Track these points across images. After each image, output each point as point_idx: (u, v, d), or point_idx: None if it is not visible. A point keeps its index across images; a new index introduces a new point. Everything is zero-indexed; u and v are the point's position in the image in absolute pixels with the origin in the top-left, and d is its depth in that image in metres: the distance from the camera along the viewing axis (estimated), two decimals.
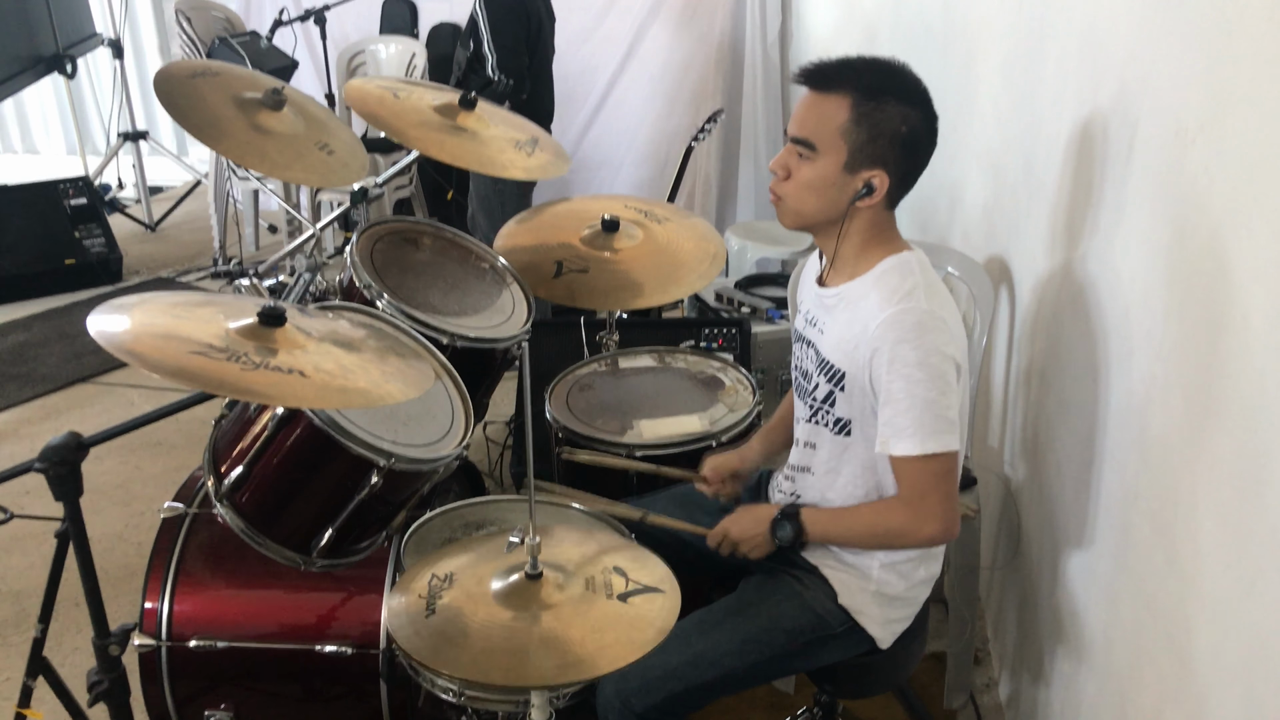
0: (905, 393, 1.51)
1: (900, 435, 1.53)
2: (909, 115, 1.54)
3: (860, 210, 1.59)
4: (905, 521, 1.58)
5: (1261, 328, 1.12)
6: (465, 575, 1.49)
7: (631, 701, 1.61)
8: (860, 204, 1.57)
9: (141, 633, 1.81)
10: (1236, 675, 1.17)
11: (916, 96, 1.56)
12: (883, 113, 1.53)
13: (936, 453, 1.52)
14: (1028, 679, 2.07)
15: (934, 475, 1.54)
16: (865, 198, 1.56)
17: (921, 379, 1.50)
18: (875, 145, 1.53)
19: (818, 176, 1.57)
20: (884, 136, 1.53)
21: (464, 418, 1.83)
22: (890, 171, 1.55)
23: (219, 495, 1.67)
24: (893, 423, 1.54)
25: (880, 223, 1.62)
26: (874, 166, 1.55)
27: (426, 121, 2.22)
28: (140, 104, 6.16)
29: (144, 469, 3.32)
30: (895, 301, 1.53)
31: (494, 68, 3.58)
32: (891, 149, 1.54)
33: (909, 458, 1.53)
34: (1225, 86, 1.24)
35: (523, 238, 2.40)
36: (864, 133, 1.53)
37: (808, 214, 1.62)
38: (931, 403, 1.51)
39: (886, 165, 1.55)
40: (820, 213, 1.60)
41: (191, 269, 5.15)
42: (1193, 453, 1.30)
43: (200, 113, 2.03)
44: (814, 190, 1.58)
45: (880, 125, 1.53)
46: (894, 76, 1.57)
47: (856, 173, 1.56)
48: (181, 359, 1.35)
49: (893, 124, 1.53)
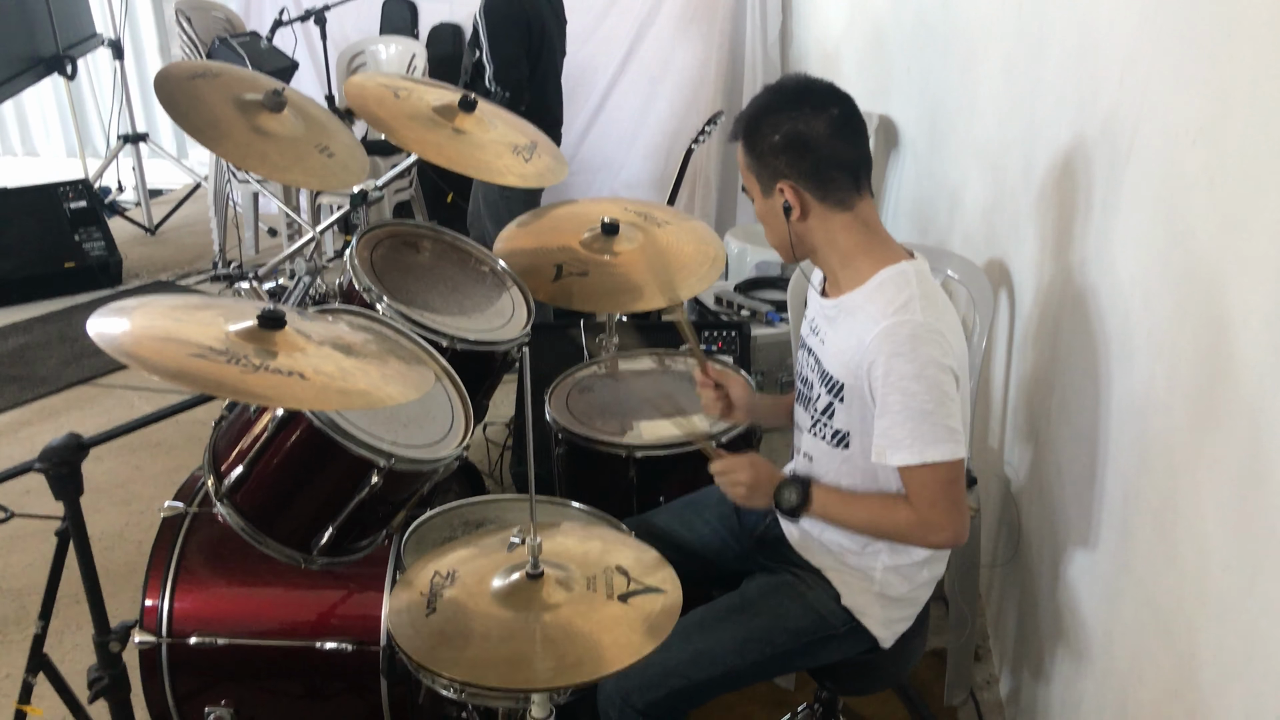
0: (901, 405, 1.51)
1: (897, 446, 1.53)
2: (778, 122, 1.59)
3: (813, 225, 1.62)
4: (912, 525, 1.58)
5: (1261, 328, 1.13)
6: (467, 573, 1.49)
7: (632, 698, 1.62)
8: (793, 218, 1.61)
9: (142, 630, 1.81)
10: (1237, 674, 1.17)
11: (784, 101, 1.61)
12: (758, 133, 1.60)
13: (938, 461, 1.52)
14: (1028, 676, 2.08)
15: (940, 484, 1.54)
16: (792, 211, 1.61)
17: (918, 391, 1.50)
18: (764, 163, 1.61)
19: (761, 213, 1.67)
20: (766, 152, 1.60)
21: (464, 419, 1.83)
22: (791, 177, 1.59)
23: (219, 495, 1.67)
24: (888, 434, 1.54)
25: (851, 229, 1.62)
26: (774, 181, 1.60)
27: (425, 124, 2.22)
28: (140, 106, 6.16)
29: (144, 469, 3.33)
30: (890, 314, 1.54)
31: (490, 79, 3.54)
32: (777, 159, 1.59)
33: (912, 467, 1.53)
34: (1225, 88, 1.24)
35: (522, 241, 2.41)
36: (754, 159, 1.62)
37: (777, 245, 1.69)
38: (929, 414, 1.51)
39: (783, 174, 1.60)
40: (782, 240, 1.66)
41: (191, 272, 5.15)
42: (1193, 453, 1.30)
43: (200, 114, 2.03)
44: (766, 224, 1.68)
45: (759, 145, 1.61)
46: (769, 96, 1.63)
47: (771, 194, 1.62)
48: (181, 361, 1.36)
49: (766, 138, 1.59)
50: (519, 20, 3.57)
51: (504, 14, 3.56)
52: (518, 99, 3.53)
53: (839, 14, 4.39)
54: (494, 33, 3.54)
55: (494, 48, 3.53)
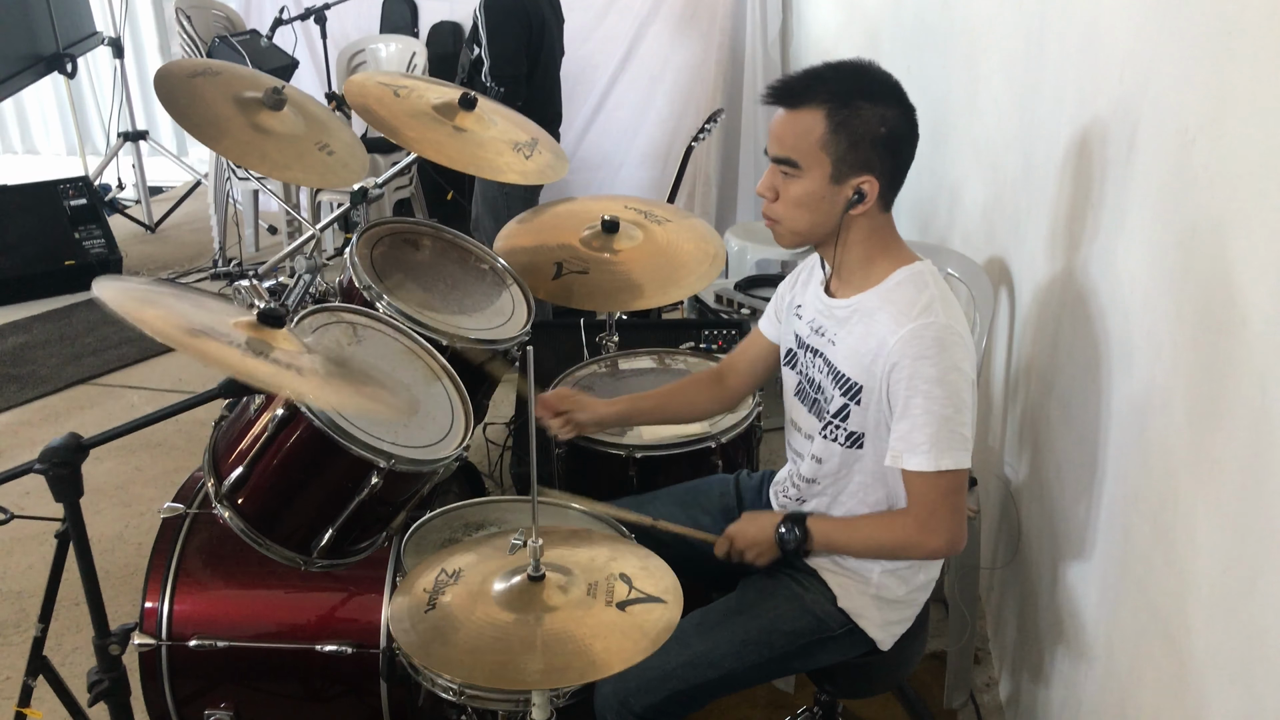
0: (923, 409, 1.50)
1: (915, 450, 1.52)
2: (885, 115, 1.52)
3: (856, 218, 1.57)
4: (910, 536, 1.57)
5: (1262, 329, 1.12)
6: (471, 573, 1.48)
7: (630, 701, 1.61)
8: (854, 211, 1.55)
9: (142, 632, 1.81)
10: (1236, 676, 1.17)
11: (888, 93, 1.54)
12: (859, 118, 1.50)
13: (949, 469, 1.51)
14: (1028, 678, 2.07)
15: (944, 492, 1.54)
16: (858, 204, 1.55)
17: (940, 396, 1.50)
18: (857, 151, 1.51)
19: (806, 193, 1.55)
20: (865, 141, 1.51)
21: (464, 419, 1.83)
22: (878, 174, 1.54)
23: (219, 496, 1.67)
24: (908, 438, 1.52)
25: (880, 228, 1.60)
26: (861, 173, 1.53)
27: (425, 122, 2.21)
28: (140, 103, 6.16)
29: (144, 470, 3.32)
30: (914, 316, 1.52)
31: (487, 74, 3.54)
32: (874, 151, 1.52)
33: (921, 473, 1.53)
34: (1226, 87, 1.24)
35: (522, 239, 2.41)
36: (844, 141, 1.51)
37: (804, 231, 1.60)
38: (948, 419, 1.50)
39: (873, 169, 1.53)
40: (816, 228, 1.59)
41: (191, 270, 5.15)
42: (1193, 453, 1.30)
43: (200, 112, 2.03)
44: (805, 207, 1.56)
45: (858, 131, 1.50)
46: (862, 78, 1.55)
47: (844, 182, 1.53)
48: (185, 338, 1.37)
49: (871, 127, 1.51)
50: (519, 16, 3.56)
51: (504, 10, 3.55)
52: (514, 95, 3.51)
53: (839, 13, 4.39)
54: (494, 28, 3.53)
55: (493, 43, 3.52)
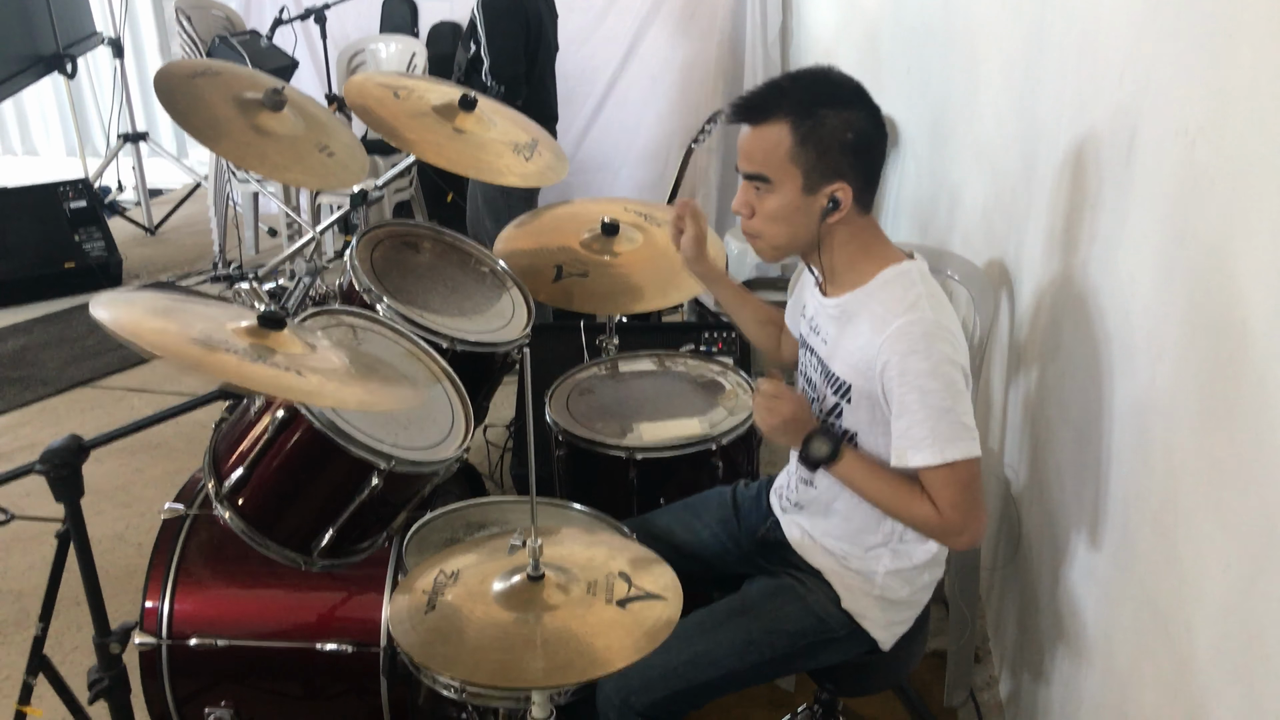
0: (919, 403, 1.50)
1: (918, 446, 1.51)
2: (850, 119, 1.52)
3: (834, 225, 1.57)
4: (931, 524, 1.55)
5: (1262, 329, 1.12)
6: (470, 573, 1.49)
7: (632, 700, 1.62)
8: (831, 219, 1.55)
9: (142, 631, 1.81)
10: (1236, 675, 1.17)
11: (851, 97, 1.54)
12: (824, 126, 1.50)
13: (957, 460, 1.50)
14: (1028, 677, 2.07)
15: (959, 485, 1.52)
16: (834, 212, 1.54)
17: (935, 389, 1.49)
18: (827, 159, 1.51)
19: (780, 206, 1.55)
20: (833, 148, 1.51)
21: (464, 421, 1.84)
22: (850, 180, 1.54)
23: (220, 497, 1.67)
24: (908, 434, 1.52)
25: (861, 231, 1.60)
26: (833, 180, 1.53)
27: (425, 124, 2.21)
28: (140, 105, 6.16)
29: (144, 471, 3.32)
30: (901, 313, 1.52)
31: (486, 73, 3.54)
32: (844, 158, 1.52)
33: (931, 468, 1.51)
34: (1226, 87, 1.24)
35: (522, 241, 2.41)
36: (812, 151, 1.51)
37: (784, 245, 1.60)
38: (946, 410, 1.50)
39: (844, 175, 1.53)
40: (796, 240, 1.59)
41: (191, 273, 5.15)
42: (1193, 454, 1.30)
43: (200, 113, 2.03)
44: (781, 220, 1.57)
45: (825, 139, 1.51)
46: (823, 85, 1.55)
47: (817, 191, 1.53)
48: (183, 347, 1.36)
49: (837, 134, 1.51)
50: (517, 15, 3.57)
51: (503, 8, 3.55)
52: (514, 94, 3.52)
53: (839, 13, 4.39)
54: (492, 27, 3.53)
55: (492, 42, 3.53)
